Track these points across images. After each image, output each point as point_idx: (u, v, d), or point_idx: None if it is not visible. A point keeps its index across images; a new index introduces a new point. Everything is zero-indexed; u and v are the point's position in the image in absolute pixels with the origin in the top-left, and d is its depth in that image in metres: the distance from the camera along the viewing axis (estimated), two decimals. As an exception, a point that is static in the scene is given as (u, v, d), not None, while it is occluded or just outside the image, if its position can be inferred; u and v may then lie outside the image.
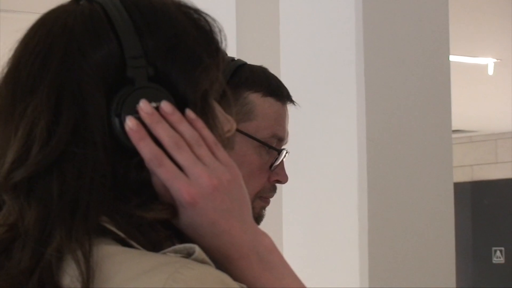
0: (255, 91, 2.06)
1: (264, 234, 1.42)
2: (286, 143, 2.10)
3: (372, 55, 4.42)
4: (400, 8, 4.54)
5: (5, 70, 1.38)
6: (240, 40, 4.98)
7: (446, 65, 4.68)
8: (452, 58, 4.78)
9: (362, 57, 4.41)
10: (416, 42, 4.56)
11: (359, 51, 4.41)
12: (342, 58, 4.47)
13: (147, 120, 1.33)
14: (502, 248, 12.33)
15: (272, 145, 2.05)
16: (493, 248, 12.43)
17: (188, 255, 1.29)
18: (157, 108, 1.34)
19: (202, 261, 1.29)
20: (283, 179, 2.09)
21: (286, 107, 2.11)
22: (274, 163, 2.05)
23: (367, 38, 4.42)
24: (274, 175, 2.07)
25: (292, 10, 4.72)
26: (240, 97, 2.03)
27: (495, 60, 7.68)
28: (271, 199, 2.15)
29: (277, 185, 2.17)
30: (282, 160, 2.07)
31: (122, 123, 1.33)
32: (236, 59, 2.12)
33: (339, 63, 4.48)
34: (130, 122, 1.32)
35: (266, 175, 2.05)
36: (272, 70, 2.26)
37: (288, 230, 4.62)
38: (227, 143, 1.43)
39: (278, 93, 2.09)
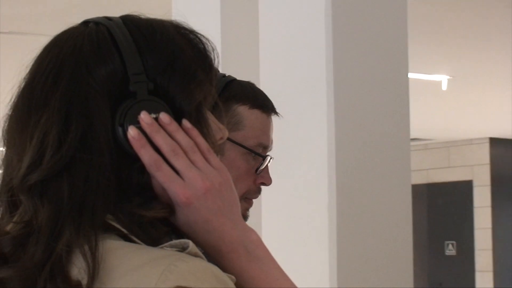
0: (243, 104, 2.06)
1: (251, 230, 1.42)
2: (270, 150, 2.10)
3: (341, 72, 4.42)
4: (365, 31, 4.54)
5: (21, 85, 1.38)
6: (224, 55, 4.97)
7: (405, 81, 4.68)
8: (410, 75, 4.77)
9: (332, 73, 4.41)
10: (379, 61, 4.57)
11: (329, 68, 4.41)
12: (314, 74, 4.47)
13: (147, 129, 1.33)
14: (454, 242, 12.35)
15: (258, 152, 2.05)
16: (446, 242, 12.46)
17: (183, 249, 1.30)
18: (156, 119, 1.34)
19: (195, 255, 1.29)
20: (268, 181, 2.09)
21: (271, 118, 2.11)
22: (259, 167, 2.06)
23: (336, 58, 4.42)
24: (260, 178, 2.07)
25: (270, 30, 4.72)
26: (230, 109, 2.03)
27: (449, 77, 7.70)
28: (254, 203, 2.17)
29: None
30: (267, 165, 2.07)
31: (125, 132, 1.33)
32: (226, 75, 2.12)
33: (312, 78, 4.48)
34: (132, 131, 1.32)
35: (252, 178, 2.05)
36: (251, 79, 2.26)
37: (265, 229, 4.61)
38: (219, 150, 1.43)
39: (264, 105, 2.09)
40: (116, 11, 1.46)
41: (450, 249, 12.45)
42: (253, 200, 2.13)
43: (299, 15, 4.62)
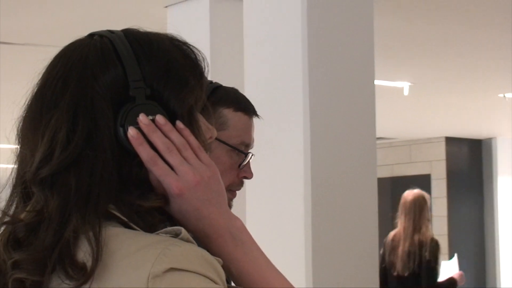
0: (228, 107, 2.07)
1: (236, 218, 1.42)
2: (251, 148, 2.10)
3: (315, 79, 4.42)
4: (337, 44, 4.54)
5: (34, 89, 1.38)
6: (212, 65, 4.96)
7: (371, 88, 4.68)
8: (376, 82, 4.77)
9: (307, 81, 4.40)
10: (349, 70, 4.57)
11: (305, 76, 4.40)
12: (292, 82, 4.46)
13: (145, 129, 1.34)
14: (415, 227, 12.40)
15: (241, 149, 2.05)
16: (407, 228, 12.49)
17: (176, 235, 1.30)
18: (153, 120, 1.35)
19: (187, 240, 1.30)
20: (249, 175, 2.09)
21: (252, 120, 2.11)
22: (242, 163, 2.06)
23: (311, 67, 4.41)
24: (242, 173, 2.08)
25: (254, 44, 4.71)
26: (216, 112, 2.03)
27: (410, 84, 7.70)
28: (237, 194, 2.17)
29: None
30: (249, 161, 2.07)
31: (125, 132, 1.33)
32: (213, 82, 2.12)
33: (289, 85, 4.47)
34: (131, 131, 1.33)
35: (236, 172, 2.05)
36: (236, 85, 2.27)
37: (249, 217, 4.61)
38: (208, 147, 1.44)
39: (246, 108, 2.10)
40: (118, 26, 1.46)
41: (412, 234, 12.47)
42: (237, 191, 2.13)
43: (279, 31, 4.61)
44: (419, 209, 6.89)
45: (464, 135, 12.04)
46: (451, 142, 12.09)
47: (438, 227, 11.96)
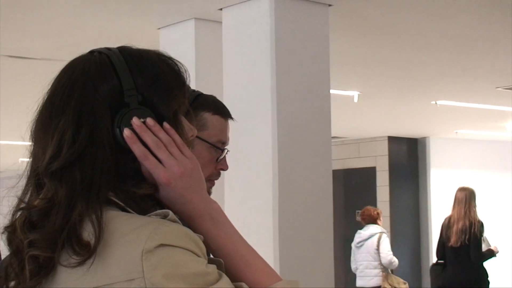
0: (207, 111, 2.07)
1: (214, 202, 1.42)
2: (227, 145, 2.09)
3: (282, 88, 4.43)
4: (299, 60, 4.55)
5: (45, 97, 1.38)
6: (197, 77, 4.95)
7: (327, 96, 4.70)
8: (331, 91, 4.78)
9: (275, 89, 4.41)
10: (309, 82, 4.58)
11: (273, 86, 4.41)
12: (262, 90, 4.47)
13: (137, 130, 1.34)
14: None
15: (218, 146, 2.05)
16: (357, 211, 12.45)
17: (165, 217, 1.30)
18: (144, 122, 1.35)
19: (174, 221, 1.30)
20: (225, 168, 2.09)
21: (228, 122, 2.11)
22: (219, 157, 2.06)
23: (278, 79, 4.42)
24: (219, 165, 2.08)
25: (231, 61, 4.71)
26: (198, 115, 2.03)
27: (359, 93, 7.71)
28: (216, 183, 2.16)
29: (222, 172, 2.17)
30: (225, 155, 2.07)
31: (121, 132, 1.33)
32: (195, 90, 2.11)
33: (260, 92, 4.48)
34: (126, 132, 1.33)
35: (214, 165, 2.05)
36: (218, 96, 2.26)
37: (227, 202, 4.61)
38: (190, 144, 1.43)
39: (223, 112, 2.10)
40: (116, 44, 1.46)
41: (360, 217, 12.51)
42: (215, 181, 2.12)
43: (252, 48, 4.61)
44: (469, 199, 7.75)
45: (403, 134, 12.10)
46: (392, 140, 12.15)
47: (382, 210, 12.02)
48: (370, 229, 8.93)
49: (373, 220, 9.01)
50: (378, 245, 8.74)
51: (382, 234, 8.86)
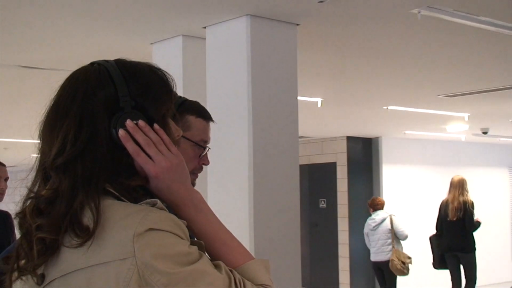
0: (192, 114, 2.06)
1: (197, 192, 1.42)
2: (209, 143, 2.09)
3: (257, 96, 4.43)
4: (271, 71, 4.54)
5: (51, 103, 1.37)
6: (185, 85, 4.94)
7: (295, 102, 4.71)
8: (299, 98, 4.79)
9: (250, 97, 4.42)
10: (280, 90, 4.59)
11: (249, 93, 4.41)
12: (239, 97, 4.47)
13: (130, 130, 1.34)
14: (325, 199, 12.42)
15: (201, 144, 2.04)
16: (320, 199, 12.54)
17: (153, 205, 1.30)
18: (137, 124, 1.34)
19: (161, 209, 1.30)
20: (207, 163, 2.09)
21: (209, 124, 2.11)
22: (202, 154, 2.05)
23: (254, 87, 4.42)
24: (202, 161, 2.07)
25: (214, 72, 4.70)
26: (184, 118, 2.03)
27: (322, 99, 7.73)
28: (200, 175, 2.15)
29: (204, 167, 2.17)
30: (206, 152, 2.06)
31: (117, 132, 1.33)
32: (182, 96, 2.10)
33: (237, 99, 4.48)
34: (121, 132, 1.33)
35: (197, 160, 2.05)
36: (202, 102, 2.25)
37: (210, 192, 4.60)
38: (177, 143, 1.44)
39: (205, 116, 2.10)
40: (113, 57, 1.46)
41: (322, 204, 12.54)
42: (199, 174, 2.12)
43: (231, 61, 4.60)
44: (462, 184, 8.67)
45: (359, 135, 12.15)
46: (350, 140, 12.19)
47: (341, 198, 12.09)
48: (380, 215, 9.53)
49: (379, 207, 9.61)
50: (391, 227, 9.38)
51: (393, 217, 9.49)
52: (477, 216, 8.74)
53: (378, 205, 9.65)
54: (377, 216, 9.52)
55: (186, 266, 1.24)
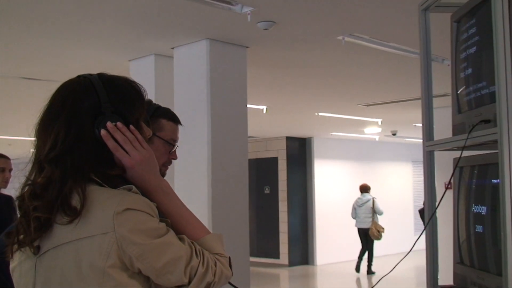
0: (164, 118, 2.03)
1: (165, 180, 1.42)
2: (177, 142, 2.07)
3: (215, 103, 4.42)
4: (226, 83, 4.54)
5: (45, 108, 1.35)
6: (157, 95, 4.90)
7: (245, 109, 4.71)
8: (248, 105, 4.79)
9: (209, 104, 4.40)
10: (232, 99, 4.58)
11: (208, 101, 4.39)
12: (199, 105, 4.45)
13: (110, 130, 1.32)
14: (269, 186, 12.46)
15: (171, 143, 2.02)
16: (264, 186, 12.56)
17: (129, 190, 1.30)
18: (115, 125, 1.33)
19: (136, 193, 1.30)
20: (175, 157, 2.06)
21: (178, 126, 2.08)
22: (171, 151, 2.03)
23: (212, 95, 4.41)
24: (171, 156, 2.04)
25: (180, 84, 4.68)
26: (158, 121, 2.00)
27: (266, 107, 7.75)
28: (169, 167, 2.13)
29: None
30: (175, 149, 2.05)
31: (99, 132, 1.32)
32: (156, 104, 2.08)
33: (198, 107, 4.46)
34: (103, 132, 1.32)
35: (167, 156, 2.02)
36: (170, 106, 2.24)
37: (177, 181, 4.58)
38: (148, 140, 1.42)
39: (175, 119, 2.07)
40: (96, 71, 1.44)
41: (267, 190, 12.57)
42: (169, 167, 2.09)
43: (194, 75, 4.58)
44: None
45: (296, 135, 12.22)
46: (289, 139, 12.25)
47: (282, 185, 12.14)
48: (366, 196, 10.79)
49: (365, 190, 10.85)
50: (373, 206, 10.61)
51: (374, 199, 10.72)
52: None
53: (364, 189, 10.83)
54: (364, 197, 10.75)
55: (156, 239, 1.24)
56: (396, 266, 2.18)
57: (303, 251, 12.18)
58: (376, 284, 2.26)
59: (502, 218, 1.54)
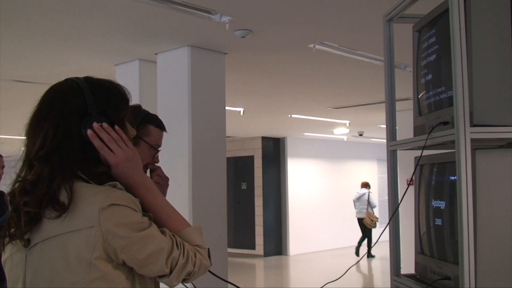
0: (151, 124, 2.02)
1: (147, 177, 1.41)
2: (161, 147, 2.05)
3: (195, 106, 4.41)
4: (206, 88, 4.53)
5: (35, 109, 1.33)
6: (141, 100, 4.87)
7: (223, 111, 4.71)
8: (226, 108, 4.80)
9: (190, 108, 4.38)
10: (212, 102, 4.58)
11: (189, 105, 4.38)
12: (181, 111, 4.44)
13: (96, 130, 1.31)
14: (245, 182, 12.47)
15: (155, 147, 2.01)
16: (242, 182, 12.57)
17: (114, 186, 1.28)
18: (101, 125, 1.32)
19: (120, 189, 1.28)
20: (158, 161, 2.05)
21: (163, 133, 2.07)
22: (155, 154, 2.02)
23: (193, 101, 4.40)
24: (155, 159, 2.03)
25: (164, 90, 4.65)
26: (146, 126, 1.99)
27: (243, 109, 7.75)
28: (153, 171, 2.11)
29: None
30: (158, 153, 2.03)
31: (86, 132, 1.30)
32: (146, 110, 2.06)
33: (180, 113, 4.44)
34: (89, 131, 1.30)
35: (151, 158, 2.01)
36: (153, 111, 2.21)
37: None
38: (132, 140, 1.41)
39: (161, 126, 2.05)
40: (83, 74, 1.42)
41: (244, 186, 12.58)
42: (149, 168, 2.07)
43: (176, 81, 4.57)
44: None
45: (270, 135, 12.25)
46: (264, 139, 12.28)
47: (258, 182, 12.17)
48: (363, 190, 11.74)
49: (364, 186, 11.81)
50: (368, 198, 11.57)
51: (369, 193, 11.71)
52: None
53: (363, 185, 11.84)
54: (362, 191, 11.74)
55: (139, 232, 1.23)
56: (352, 266, 2.23)
57: (277, 243, 12.22)
58: (348, 269, 2.26)
59: (459, 212, 1.57)
